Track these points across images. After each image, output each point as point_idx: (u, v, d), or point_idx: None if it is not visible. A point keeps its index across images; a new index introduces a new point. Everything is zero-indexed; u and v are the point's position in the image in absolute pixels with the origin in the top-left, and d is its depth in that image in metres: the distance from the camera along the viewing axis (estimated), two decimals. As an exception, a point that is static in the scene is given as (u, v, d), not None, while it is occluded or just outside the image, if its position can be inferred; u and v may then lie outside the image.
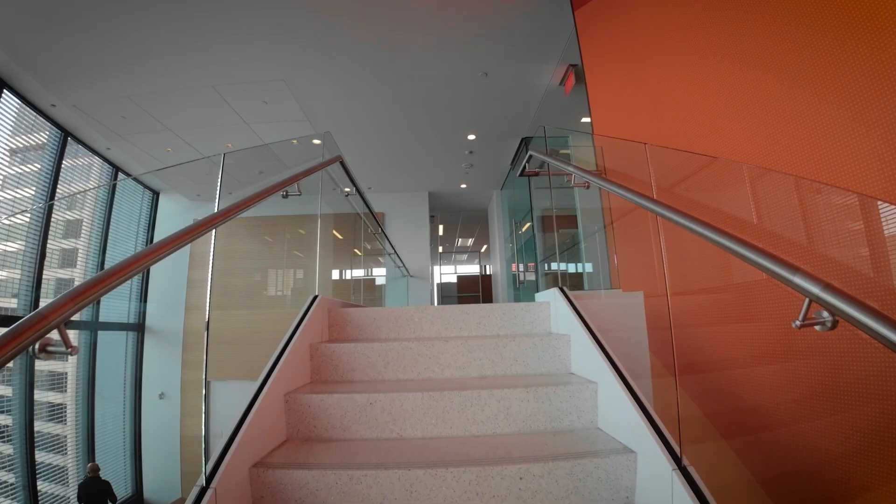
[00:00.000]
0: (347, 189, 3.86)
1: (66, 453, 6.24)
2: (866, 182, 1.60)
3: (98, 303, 6.86)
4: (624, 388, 1.62)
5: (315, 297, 2.21)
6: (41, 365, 6.11)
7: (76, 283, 1.01)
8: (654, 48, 2.88)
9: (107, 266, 1.04)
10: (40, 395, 6.04)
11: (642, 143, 1.58)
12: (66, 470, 6.19)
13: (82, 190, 6.81)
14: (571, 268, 4.83)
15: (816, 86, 1.81)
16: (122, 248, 7.56)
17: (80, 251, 6.84)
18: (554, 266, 5.92)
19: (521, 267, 8.03)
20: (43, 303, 0.89)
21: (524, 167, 2.84)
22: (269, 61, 4.85)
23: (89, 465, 5.89)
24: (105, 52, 4.56)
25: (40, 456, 5.72)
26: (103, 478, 5.81)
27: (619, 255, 2.96)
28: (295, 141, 6.14)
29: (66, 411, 6.36)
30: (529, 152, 2.69)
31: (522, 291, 7.85)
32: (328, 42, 4.53)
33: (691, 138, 2.44)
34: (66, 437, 6.28)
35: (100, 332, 7.25)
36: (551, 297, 2.34)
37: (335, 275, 6.51)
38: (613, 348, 1.86)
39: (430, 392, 1.65)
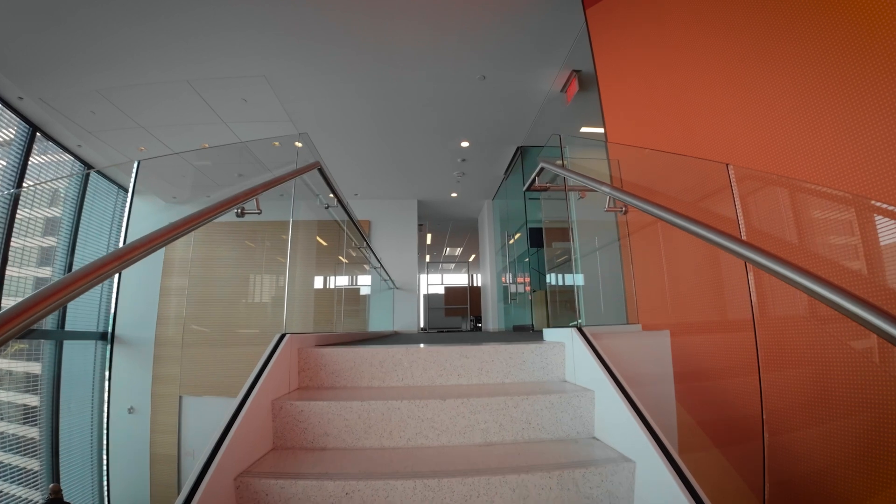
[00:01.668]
0: (332, 195, 3.46)
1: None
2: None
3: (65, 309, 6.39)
4: (671, 471, 1.25)
5: (282, 337, 1.80)
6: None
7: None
8: (682, 49, 2.54)
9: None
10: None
11: (723, 164, 1.21)
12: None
13: (38, 182, 6.29)
14: (568, 283, 4.46)
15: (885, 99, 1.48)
16: (94, 246, 7.07)
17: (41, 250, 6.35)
18: (547, 280, 5.57)
19: (512, 279, 7.69)
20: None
21: (533, 180, 2.47)
22: (250, 55, 4.44)
23: (51, 486, 5.46)
24: (74, 42, 4.14)
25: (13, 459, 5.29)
26: (66, 500, 5.39)
27: (638, 282, 2.61)
28: (276, 143, 5.72)
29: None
30: (541, 164, 2.32)
31: (514, 306, 7.50)
32: (314, 35, 4.14)
33: (734, 153, 2.10)
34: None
35: (66, 342, 6.73)
36: (566, 338, 1.96)
37: (318, 282, 6.10)
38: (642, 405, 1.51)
39: (425, 479, 1.26)
